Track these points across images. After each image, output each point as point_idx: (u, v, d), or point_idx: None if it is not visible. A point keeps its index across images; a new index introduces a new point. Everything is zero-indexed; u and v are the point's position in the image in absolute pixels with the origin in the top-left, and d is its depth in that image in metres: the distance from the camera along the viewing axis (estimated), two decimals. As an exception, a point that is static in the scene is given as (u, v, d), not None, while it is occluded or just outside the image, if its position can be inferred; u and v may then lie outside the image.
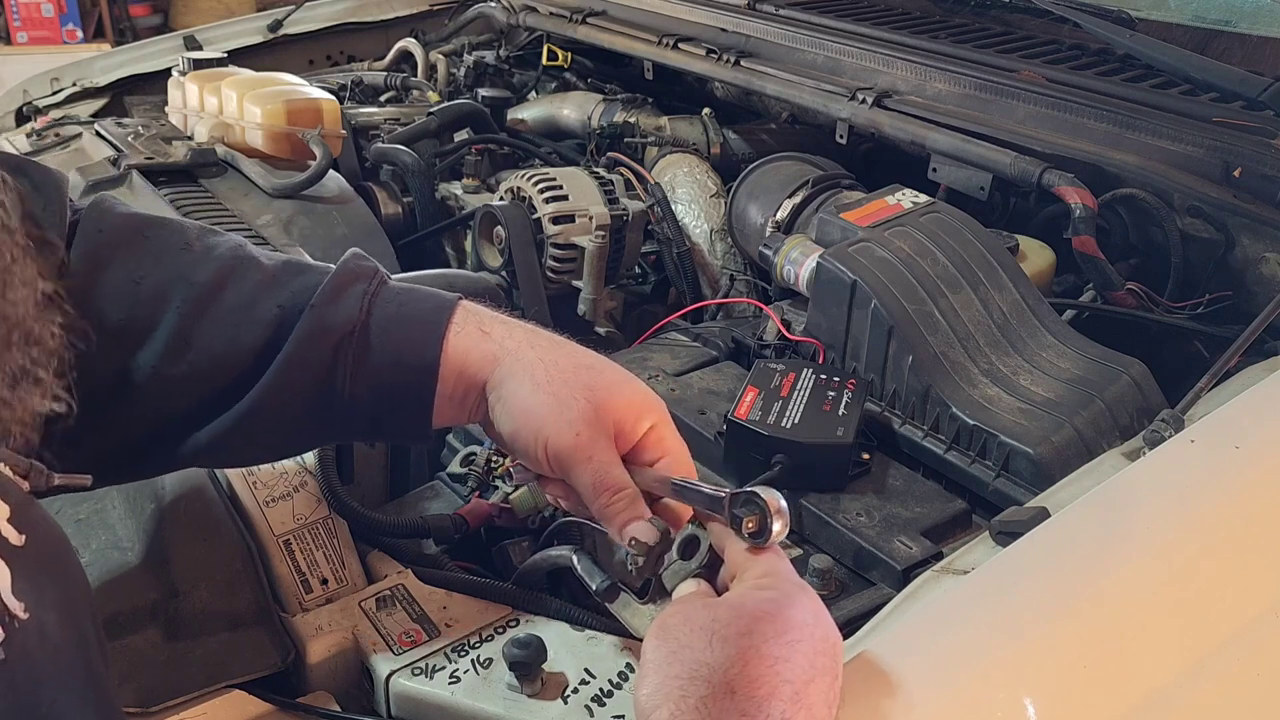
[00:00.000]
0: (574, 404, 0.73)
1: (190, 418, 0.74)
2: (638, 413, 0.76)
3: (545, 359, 0.76)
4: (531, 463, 0.76)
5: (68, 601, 0.56)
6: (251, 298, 0.75)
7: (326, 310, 0.74)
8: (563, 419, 0.73)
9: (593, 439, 0.73)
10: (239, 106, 1.60)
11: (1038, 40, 1.64)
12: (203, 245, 0.78)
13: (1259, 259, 1.20)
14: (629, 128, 1.75)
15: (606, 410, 0.74)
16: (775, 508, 0.66)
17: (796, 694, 0.58)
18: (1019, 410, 1.00)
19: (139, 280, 0.74)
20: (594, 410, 0.74)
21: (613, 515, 0.72)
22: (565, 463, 0.73)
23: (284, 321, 0.74)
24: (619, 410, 0.75)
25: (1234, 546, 0.79)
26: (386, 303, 0.76)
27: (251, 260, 0.78)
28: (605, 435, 0.74)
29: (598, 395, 0.74)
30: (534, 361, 0.75)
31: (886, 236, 1.14)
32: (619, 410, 0.75)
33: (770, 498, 0.66)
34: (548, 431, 0.73)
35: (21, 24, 4.91)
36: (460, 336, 0.76)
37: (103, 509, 0.93)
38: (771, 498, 0.66)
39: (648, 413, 0.76)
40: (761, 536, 0.66)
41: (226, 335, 0.74)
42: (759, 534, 0.66)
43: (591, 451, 0.73)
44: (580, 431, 0.73)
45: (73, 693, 0.54)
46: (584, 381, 0.75)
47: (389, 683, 0.78)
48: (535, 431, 0.73)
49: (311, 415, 0.76)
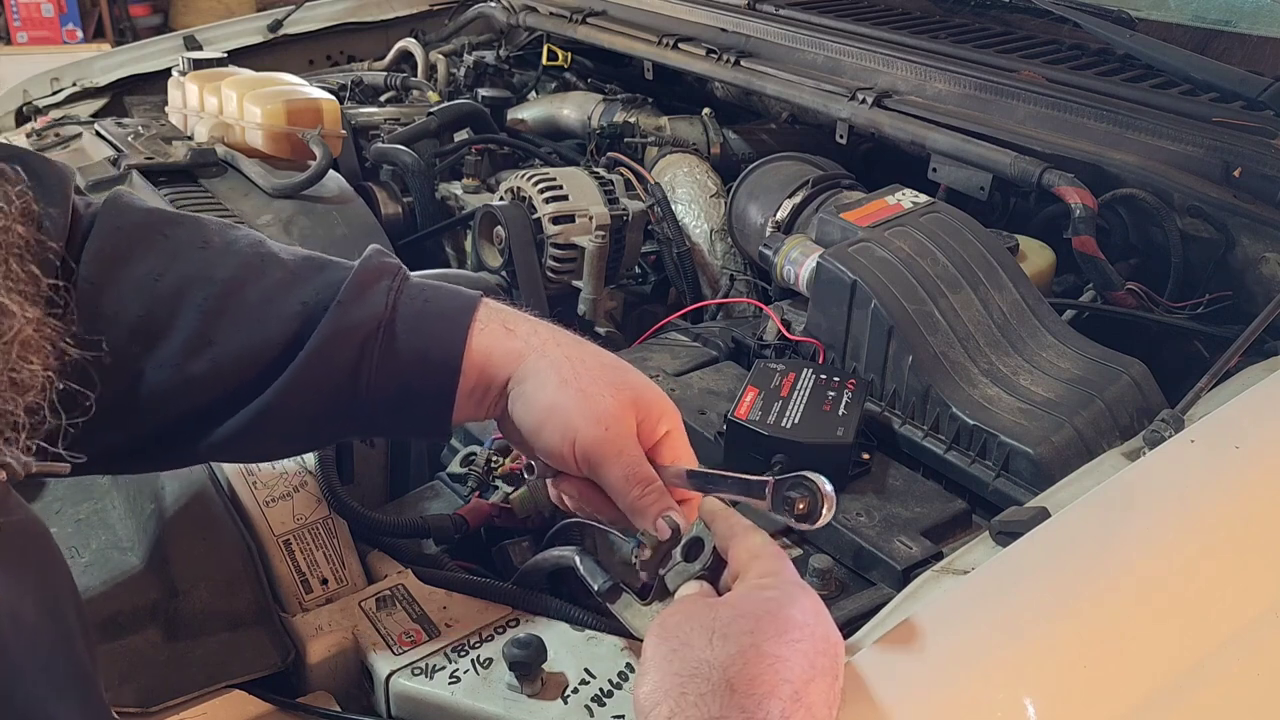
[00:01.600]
0: (602, 400, 0.74)
1: (211, 413, 0.74)
2: (659, 415, 0.77)
3: (571, 356, 0.76)
4: (555, 459, 0.76)
5: (46, 591, 0.56)
6: (274, 294, 0.75)
7: (352, 307, 0.75)
8: (591, 414, 0.74)
9: (621, 434, 0.74)
10: (239, 106, 1.60)
11: (1038, 40, 1.64)
12: (222, 241, 0.78)
13: (1259, 259, 1.20)
14: (629, 128, 1.75)
15: (631, 408, 0.76)
16: (825, 490, 0.67)
17: (796, 693, 0.58)
18: (1019, 410, 1.00)
19: (158, 277, 0.74)
20: (621, 407, 0.75)
21: (645, 507, 0.73)
22: (594, 458, 0.74)
23: (308, 318, 0.74)
24: (642, 410, 0.76)
25: (1234, 546, 0.79)
26: (411, 299, 0.77)
27: (272, 257, 0.78)
28: (631, 431, 0.75)
29: (624, 393, 0.76)
30: (560, 359, 0.76)
31: (886, 236, 1.14)
32: (642, 410, 0.76)
33: (819, 481, 0.67)
34: (577, 426, 0.74)
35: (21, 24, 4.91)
36: (484, 334, 0.76)
37: (103, 509, 0.93)
38: (820, 481, 0.67)
39: (666, 416, 0.78)
40: (810, 519, 0.67)
41: (249, 331, 0.74)
42: (808, 516, 0.67)
43: (621, 446, 0.74)
44: (609, 426, 0.74)
45: (51, 683, 0.54)
46: (610, 379, 0.76)
47: (389, 683, 0.78)
48: (563, 427, 0.74)
49: (333, 410, 0.76)
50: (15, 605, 0.52)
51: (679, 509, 0.74)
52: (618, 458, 0.74)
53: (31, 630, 0.53)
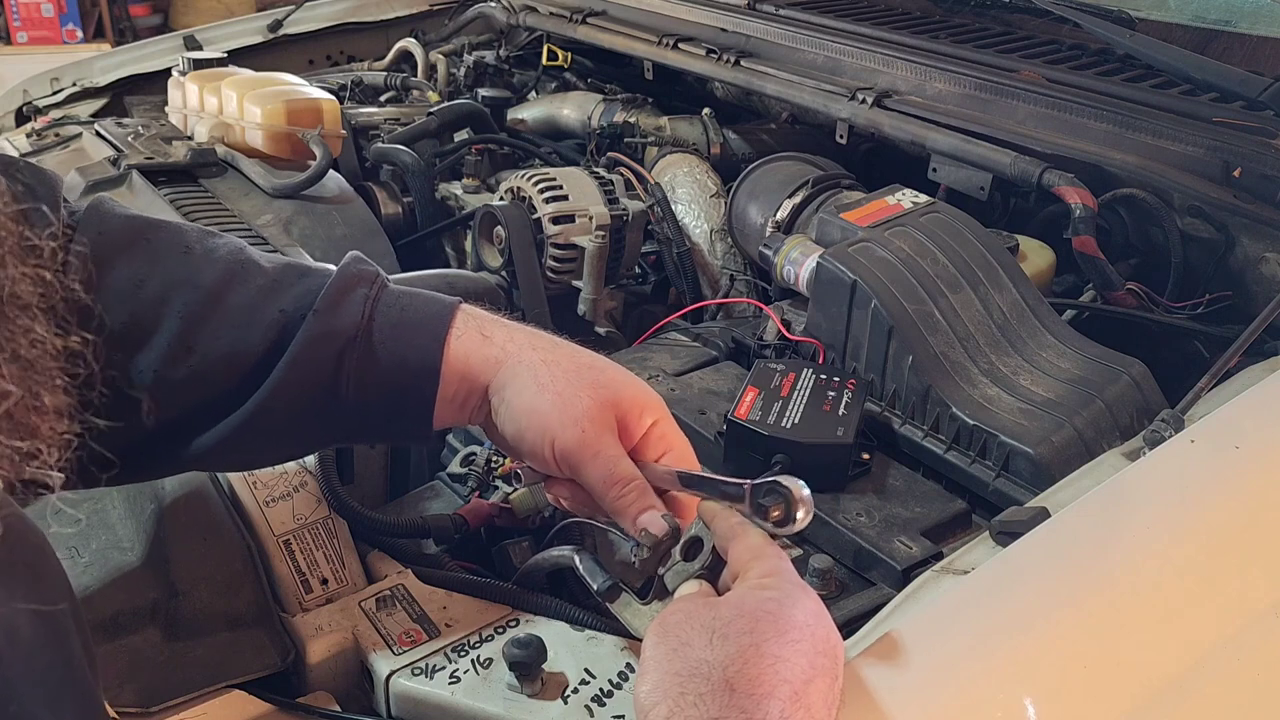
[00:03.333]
0: (579, 402, 0.75)
1: (192, 422, 0.74)
2: (640, 409, 0.77)
3: (548, 360, 0.77)
4: (538, 463, 0.77)
5: (41, 599, 0.56)
6: (254, 302, 0.75)
7: (329, 315, 0.75)
8: (568, 417, 0.74)
9: (599, 435, 0.74)
10: (239, 106, 1.60)
11: (1038, 40, 1.64)
12: (203, 248, 0.78)
13: (1259, 259, 1.20)
14: (629, 128, 1.75)
15: (610, 407, 0.76)
16: (799, 496, 0.66)
17: (796, 693, 0.58)
18: (1019, 410, 1.00)
19: (140, 283, 0.74)
20: (598, 407, 0.75)
21: (624, 507, 0.74)
22: (573, 460, 0.74)
23: (286, 326, 0.74)
24: (622, 406, 0.76)
25: (1234, 546, 0.79)
26: (388, 307, 0.77)
27: (252, 264, 0.78)
28: (611, 431, 0.75)
29: (601, 393, 0.76)
30: (536, 363, 0.76)
31: (886, 236, 1.14)
32: (622, 406, 0.76)
33: (794, 486, 0.67)
34: (554, 430, 0.74)
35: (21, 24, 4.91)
36: (461, 341, 0.76)
37: (103, 509, 0.93)
38: (795, 486, 0.67)
39: (649, 409, 0.78)
40: (786, 524, 0.67)
41: (229, 339, 0.74)
42: (784, 522, 0.67)
43: (599, 447, 0.74)
44: (586, 428, 0.74)
45: (47, 692, 0.54)
46: (587, 380, 0.76)
47: (389, 683, 0.78)
48: (541, 431, 0.74)
49: (314, 419, 0.76)
50: (10, 616, 0.52)
51: (660, 507, 0.74)
52: (595, 458, 0.74)
53: (26, 639, 0.53)
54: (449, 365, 0.76)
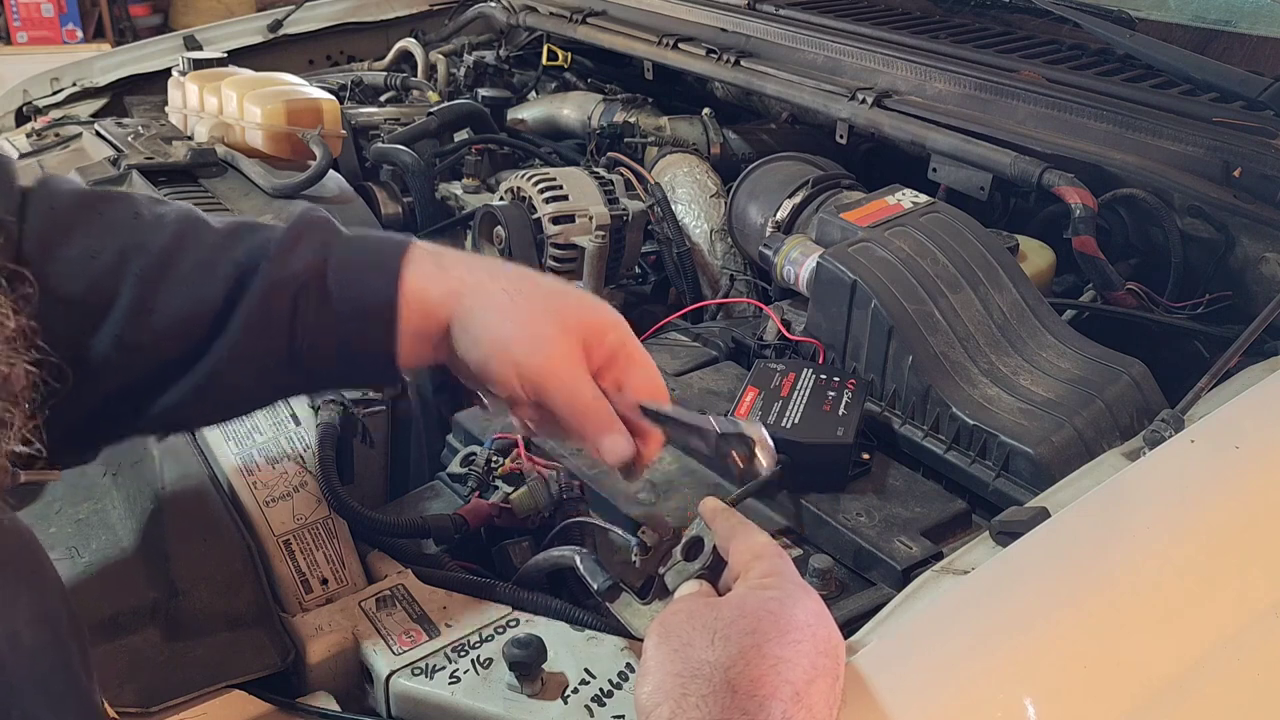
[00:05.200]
0: (542, 327, 0.76)
1: (156, 382, 0.74)
2: (602, 330, 0.78)
3: (508, 289, 0.77)
4: (504, 391, 0.77)
5: (40, 605, 0.55)
6: (208, 258, 0.75)
7: (282, 262, 0.75)
8: (532, 343, 0.75)
9: (563, 357, 0.76)
10: (239, 106, 1.60)
11: (1038, 40, 1.64)
12: (153, 214, 0.78)
13: (1259, 259, 1.20)
14: (629, 128, 1.75)
15: (574, 330, 0.77)
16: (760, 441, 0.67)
17: (797, 694, 0.58)
18: (1019, 410, 1.00)
19: (95, 254, 0.74)
20: (561, 332, 0.76)
21: (589, 430, 0.75)
22: (538, 383, 0.75)
23: (241, 278, 0.74)
24: (585, 329, 0.77)
25: (1234, 546, 0.79)
26: (341, 249, 0.77)
27: (203, 223, 0.78)
28: (575, 353, 0.76)
29: (564, 317, 0.77)
30: (497, 292, 0.77)
31: (886, 236, 1.14)
32: (585, 329, 0.77)
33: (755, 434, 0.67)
34: (517, 354, 0.75)
35: (21, 24, 4.91)
36: (417, 276, 0.76)
37: (103, 509, 0.93)
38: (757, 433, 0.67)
39: (612, 330, 0.79)
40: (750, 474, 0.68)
41: (186, 296, 0.74)
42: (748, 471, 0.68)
43: (564, 371, 0.75)
44: (550, 352, 0.75)
45: (49, 699, 0.54)
46: (550, 305, 0.77)
47: (389, 683, 0.78)
48: (506, 358, 0.75)
49: (276, 367, 0.76)
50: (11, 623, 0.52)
51: (624, 431, 0.75)
52: (560, 383, 0.75)
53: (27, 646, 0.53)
54: (406, 299, 0.75)
